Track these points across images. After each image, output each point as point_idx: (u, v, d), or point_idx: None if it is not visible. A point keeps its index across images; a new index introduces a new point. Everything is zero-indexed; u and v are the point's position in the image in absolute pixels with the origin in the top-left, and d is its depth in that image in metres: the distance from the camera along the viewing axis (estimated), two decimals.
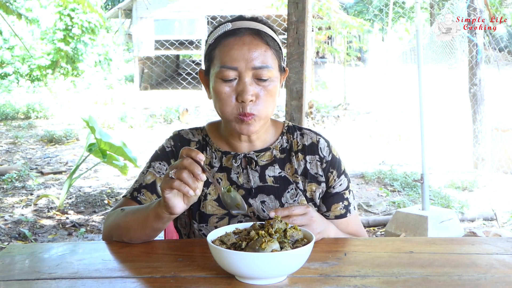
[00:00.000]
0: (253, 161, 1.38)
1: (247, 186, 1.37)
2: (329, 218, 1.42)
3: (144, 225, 1.22)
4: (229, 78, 1.26)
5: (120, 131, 9.41)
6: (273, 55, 1.29)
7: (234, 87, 1.27)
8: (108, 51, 16.56)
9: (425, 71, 4.13)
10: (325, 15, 11.97)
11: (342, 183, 1.43)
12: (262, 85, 1.28)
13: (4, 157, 7.23)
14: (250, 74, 1.26)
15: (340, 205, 1.42)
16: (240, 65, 1.25)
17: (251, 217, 1.36)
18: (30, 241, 3.78)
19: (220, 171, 1.38)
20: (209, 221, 1.35)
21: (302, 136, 1.43)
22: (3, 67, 14.76)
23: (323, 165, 1.40)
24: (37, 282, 1.05)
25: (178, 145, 1.42)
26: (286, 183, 1.38)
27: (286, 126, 1.45)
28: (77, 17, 14.77)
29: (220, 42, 1.29)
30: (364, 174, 5.92)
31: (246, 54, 1.25)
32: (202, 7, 16.23)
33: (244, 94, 1.25)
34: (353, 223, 1.45)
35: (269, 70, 1.27)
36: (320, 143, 1.42)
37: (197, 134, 1.44)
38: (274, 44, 1.31)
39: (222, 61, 1.27)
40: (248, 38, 1.27)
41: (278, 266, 0.99)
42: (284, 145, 1.42)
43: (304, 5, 2.84)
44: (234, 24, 1.31)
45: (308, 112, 9.98)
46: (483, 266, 1.12)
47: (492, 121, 6.15)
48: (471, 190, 5.25)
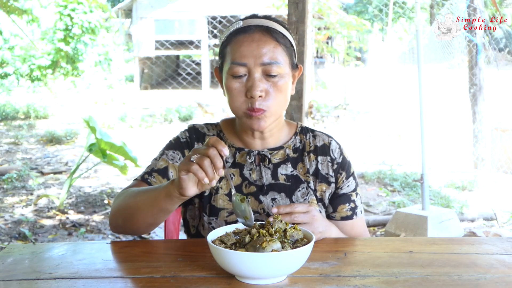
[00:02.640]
0: (267, 158, 1.39)
1: (259, 183, 1.38)
2: (335, 219, 1.43)
3: (153, 204, 1.20)
4: (239, 74, 1.28)
5: (120, 131, 9.40)
6: (283, 52, 1.30)
7: (244, 83, 1.29)
8: (108, 51, 16.54)
9: (425, 71, 4.13)
10: (325, 15, 11.97)
11: (350, 185, 1.44)
12: (271, 81, 1.29)
13: (4, 157, 7.23)
14: (259, 70, 1.28)
15: (347, 206, 1.43)
16: (249, 61, 1.27)
17: (260, 213, 1.37)
18: (30, 241, 3.78)
19: (233, 167, 1.40)
20: (219, 215, 1.36)
21: (314, 138, 1.45)
22: (3, 67, 14.75)
23: (334, 166, 1.42)
24: (37, 282, 1.05)
25: (193, 137, 1.43)
26: (298, 182, 1.40)
27: (300, 127, 1.47)
28: (77, 17, 14.77)
29: (231, 40, 1.31)
30: (364, 174, 5.92)
31: (255, 50, 1.27)
32: (202, 7, 16.23)
33: (253, 89, 1.27)
34: (358, 227, 1.45)
35: (279, 66, 1.28)
36: (331, 145, 1.44)
37: (212, 129, 1.46)
38: (284, 41, 1.32)
39: (232, 58, 1.29)
40: (257, 35, 1.29)
41: (278, 266, 0.99)
42: (297, 145, 1.44)
43: (304, 5, 2.85)
44: (245, 22, 1.33)
45: (308, 112, 9.98)
46: (483, 266, 1.12)
47: (492, 121, 6.15)
48: (471, 190, 5.25)
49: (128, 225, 1.28)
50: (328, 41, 16.14)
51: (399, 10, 11.54)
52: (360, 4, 24.07)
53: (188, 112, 10.94)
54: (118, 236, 3.96)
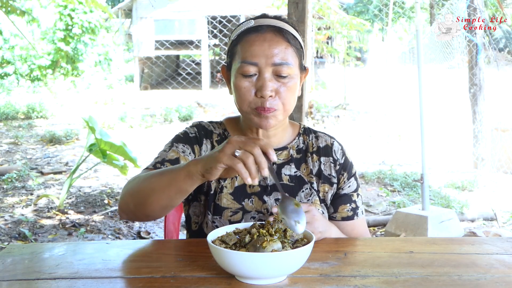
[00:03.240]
0: None
1: (263, 183, 1.38)
2: (336, 219, 1.43)
3: (170, 184, 1.15)
4: (249, 73, 1.28)
5: (120, 131, 9.40)
6: (293, 53, 1.31)
7: (254, 83, 1.29)
8: (108, 51, 16.54)
9: (425, 71, 4.13)
10: (325, 15, 11.97)
11: (351, 185, 1.44)
12: (281, 81, 1.29)
13: (4, 157, 7.23)
14: (270, 70, 1.27)
15: (348, 206, 1.43)
16: (260, 61, 1.27)
17: (264, 213, 1.37)
18: (30, 241, 3.78)
19: None
20: (223, 214, 1.36)
21: (317, 139, 1.45)
22: (3, 67, 14.75)
23: (336, 167, 1.43)
24: (37, 282, 1.05)
25: (202, 133, 1.42)
26: (301, 183, 1.40)
27: (303, 128, 1.47)
28: (77, 17, 14.77)
29: (242, 38, 1.31)
30: (364, 174, 5.92)
31: (266, 50, 1.27)
32: (202, 7, 16.23)
33: (263, 89, 1.26)
34: (359, 227, 1.45)
35: (289, 67, 1.28)
36: (334, 145, 1.44)
37: (217, 127, 1.45)
38: (295, 42, 1.32)
39: (243, 57, 1.29)
40: (269, 35, 1.29)
41: (278, 266, 0.99)
42: (300, 146, 1.44)
43: (304, 5, 2.85)
44: (256, 21, 1.33)
45: (308, 112, 9.98)
46: (483, 266, 1.12)
47: (492, 121, 6.16)
48: (471, 190, 5.25)
49: (141, 209, 1.22)
50: (328, 41, 16.13)
51: (399, 10, 11.55)
52: (360, 4, 24.06)
53: (188, 112, 10.94)
54: (118, 235, 3.96)
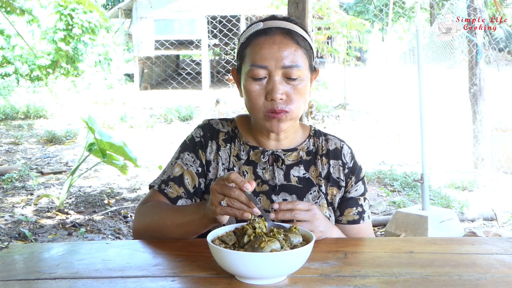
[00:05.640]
0: (280, 159, 1.39)
1: (272, 183, 1.38)
2: (342, 222, 1.42)
3: (186, 228, 1.27)
4: (259, 76, 1.27)
5: (120, 131, 9.41)
6: (303, 55, 1.30)
7: (264, 86, 1.28)
8: (108, 51, 16.54)
9: (425, 71, 4.13)
10: (325, 15, 11.97)
11: (358, 189, 1.44)
12: (292, 84, 1.28)
13: (4, 157, 7.23)
14: (280, 73, 1.27)
15: (354, 210, 1.42)
16: (270, 64, 1.26)
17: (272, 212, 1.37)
18: (30, 241, 3.78)
19: (247, 164, 1.40)
20: None
21: (326, 141, 1.45)
22: (3, 67, 14.75)
23: (345, 170, 1.43)
24: (37, 282, 1.05)
25: (208, 135, 1.43)
26: (310, 185, 1.40)
27: (313, 130, 1.47)
28: (78, 17, 14.77)
29: (251, 41, 1.30)
30: (364, 174, 5.92)
31: (276, 53, 1.26)
32: (202, 7, 16.23)
33: (274, 92, 1.26)
34: (365, 232, 1.44)
35: (299, 70, 1.28)
36: (343, 149, 1.44)
37: (227, 125, 1.46)
38: (304, 44, 1.31)
39: (253, 60, 1.28)
40: (278, 37, 1.28)
41: (278, 266, 0.99)
42: (310, 148, 1.43)
43: (304, 5, 2.85)
44: (265, 23, 1.32)
45: (308, 111, 9.98)
46: (483, 266, 1.12)
47: (492, 121, 6.16)
48: (471, 190, 5.25)
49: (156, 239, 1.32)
50: (328, 41, 16.13)
51: (399, 10, 11.55)
52: (360, 4, 24.05)
53: (188, 112, 10.94)
54: (118, 235, 3.96)
